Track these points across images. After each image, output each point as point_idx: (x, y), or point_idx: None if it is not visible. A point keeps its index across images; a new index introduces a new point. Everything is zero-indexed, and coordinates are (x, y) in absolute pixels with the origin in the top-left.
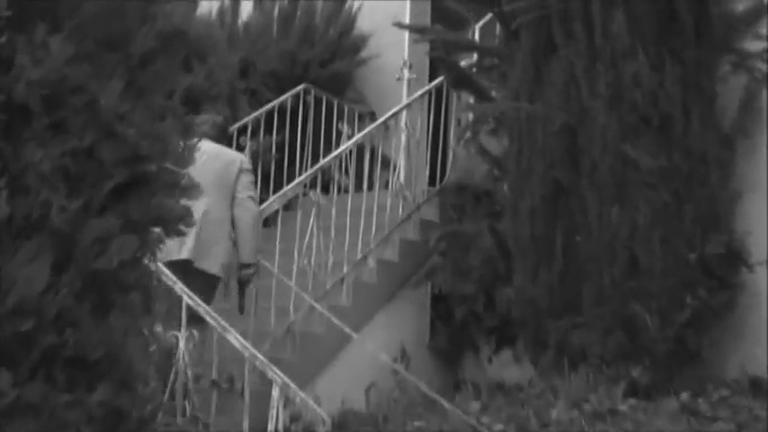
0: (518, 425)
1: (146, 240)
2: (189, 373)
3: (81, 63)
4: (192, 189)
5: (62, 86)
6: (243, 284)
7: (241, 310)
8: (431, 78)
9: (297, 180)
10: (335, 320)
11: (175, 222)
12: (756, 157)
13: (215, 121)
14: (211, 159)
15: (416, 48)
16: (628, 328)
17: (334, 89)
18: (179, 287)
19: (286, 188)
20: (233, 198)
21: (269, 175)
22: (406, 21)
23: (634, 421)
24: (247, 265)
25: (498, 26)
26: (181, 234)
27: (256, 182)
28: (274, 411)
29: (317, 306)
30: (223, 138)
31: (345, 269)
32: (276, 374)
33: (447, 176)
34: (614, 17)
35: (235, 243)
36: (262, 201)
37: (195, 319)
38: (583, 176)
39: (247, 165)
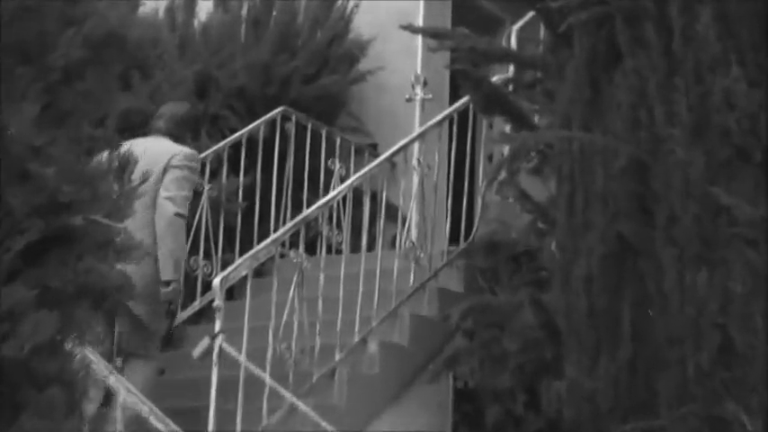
0: None
1: (69, 318)
2: None
3: None
4: (131, 249)
5: None
6: (168, 308)
7: (167, 340)
8: (452, 99)
9: (272, 236)
10: (325, 425)
11: (109, 293)
12: None
13: (172, 114)
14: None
15: (433, 58)
16: None
17: (322, 113)
18: (114, 380)
19: (258, 247)
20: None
21: (234, 230)
22: (419, 22)
23: None
24: (166, 283)
25: (542, 29)
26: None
27: (216, 235)
28: None
29: (301, 405)
30: (183, 132)
31: (338, 356)
32: None
33: (474, 231)
34: (699, 16)
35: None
36: (226, 263)
37: None
38: (657, 230)
39: (181, 160)
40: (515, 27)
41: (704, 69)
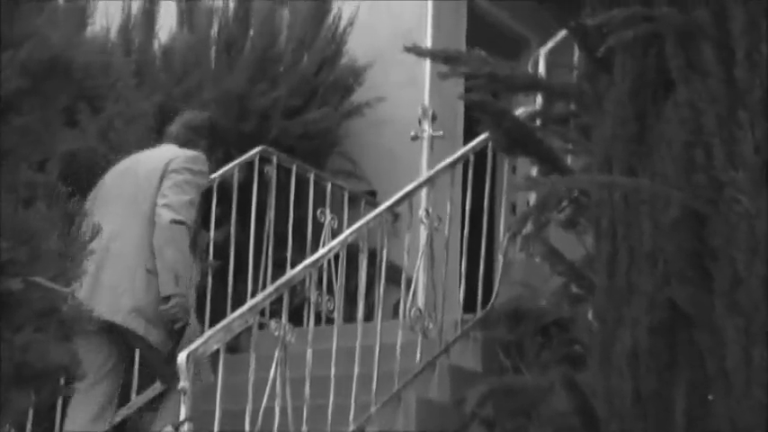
0: None
1: (3, 403)
2: None
3: None
4: (80, 320)
5: None
6: (171, 327)
7: (165, 378)
8: (466, 137)
9: (250, 303)
10: None
11: (53, 375)
12: None
13: (187, 120)
14: (134, 166)
15: (443, 87)
16: None
17: (309, 154)
18: None
19: (231, 316)
20: None
21: (204, 295)
22: (427, 43)
23: None
24: (165, 299)
25: (577, 51)
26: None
27: None
28: None
29: None
30: (196, 139)
31: None
32: None
33: (494, 297)
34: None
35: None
36: None
37: None
38: (717, 296)
39: (180, 163)
40: (544, 50)
41: None
